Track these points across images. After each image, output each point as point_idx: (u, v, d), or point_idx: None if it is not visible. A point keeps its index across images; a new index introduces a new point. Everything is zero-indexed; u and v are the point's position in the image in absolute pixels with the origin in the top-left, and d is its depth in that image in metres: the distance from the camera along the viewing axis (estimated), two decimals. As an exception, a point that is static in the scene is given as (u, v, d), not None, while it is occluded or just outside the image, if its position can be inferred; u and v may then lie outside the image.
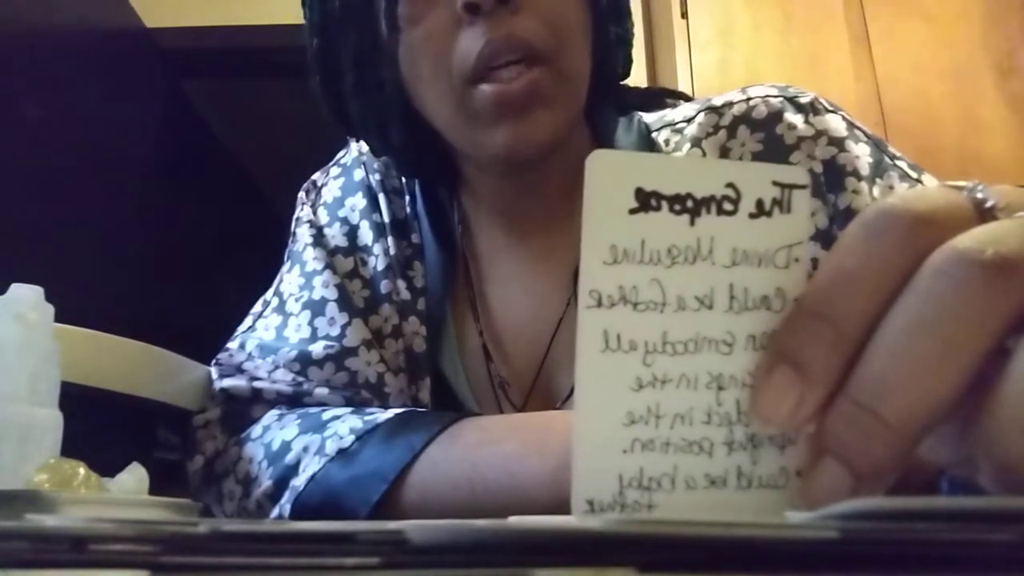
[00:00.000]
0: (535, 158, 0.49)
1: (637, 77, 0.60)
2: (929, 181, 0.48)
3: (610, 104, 0.57)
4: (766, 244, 0.20)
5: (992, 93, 1.88)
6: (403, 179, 0.60)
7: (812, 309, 0.19)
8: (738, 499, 0.20)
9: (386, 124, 0.53)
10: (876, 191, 0.47)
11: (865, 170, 0.48)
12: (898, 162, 0.49)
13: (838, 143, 0.49)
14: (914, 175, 0.48)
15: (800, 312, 0.20)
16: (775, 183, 0.20)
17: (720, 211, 0.20)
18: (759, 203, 0.20)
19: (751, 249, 0.20)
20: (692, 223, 0.20)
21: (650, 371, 0.20)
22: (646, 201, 0.20)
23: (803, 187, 0.21)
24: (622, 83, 0.58)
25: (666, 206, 0.20)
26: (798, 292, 0.20)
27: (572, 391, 0.51)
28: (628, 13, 0.55)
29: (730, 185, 0.20)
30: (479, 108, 0.46)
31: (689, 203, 0.20)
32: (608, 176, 0.20)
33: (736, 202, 0.20)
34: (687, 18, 1.97)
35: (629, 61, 0.57)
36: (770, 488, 0.21)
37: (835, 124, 0.50)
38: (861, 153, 0.49)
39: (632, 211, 0.20)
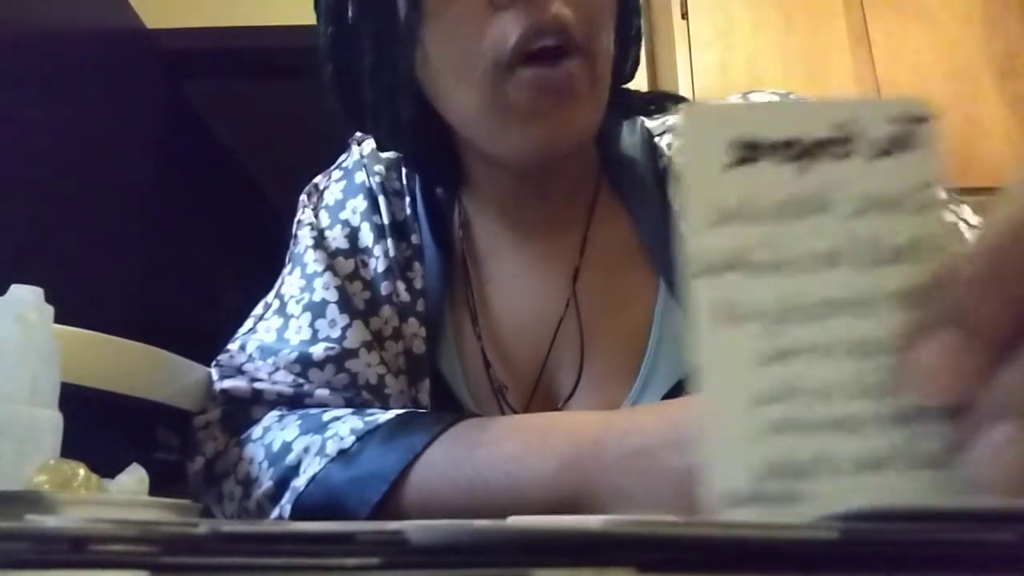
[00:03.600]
0: (565, 155, 0.48)
1: (637, 77, 0.60)
2: None
3: (614, 107, 0.57)
4: (891, 188, 0.18)
5: (992, 94, 1.88)
6: (404, 181, 0.60)
7: (981, 266, 0.17)
8: (895, 483, 0.17)
9: (399, 110, 0.51)
10: None
11: None
12: None
13: None
14: None
15: (965, 268, 0.17)
16: (892, 119, 0.18)
17: (832, 156, 0.18)
18: (876, 143, 0.18)
19: (874, 195, 0.18)
20: (802, 172, 0.18)
21: (775, 343, 0.18)
22: (747, 153, 0.18)
23: (925, 120, 0.18)
24: (623, 86, 0.59)
25: (771, 156, 0.18)
26: (937, 240, 0.18)
27: (573, 392, 0.51)
28: (640, 10, 0.56)
29: (839, 126, 0.18)
30: (515, 96, 0.45)
31: (795, 150, 0.18)
32: (702, 131, 0.18)
33: (850, 144, 0.18)
34: (687, 19, 1.97)
35: (637, 62, 0.57)
36: (932, 468, 0.18)
37: None
38: None
39: (732, 165, 0.18)
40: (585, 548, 0.15)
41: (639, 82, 0.60)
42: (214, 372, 0.55)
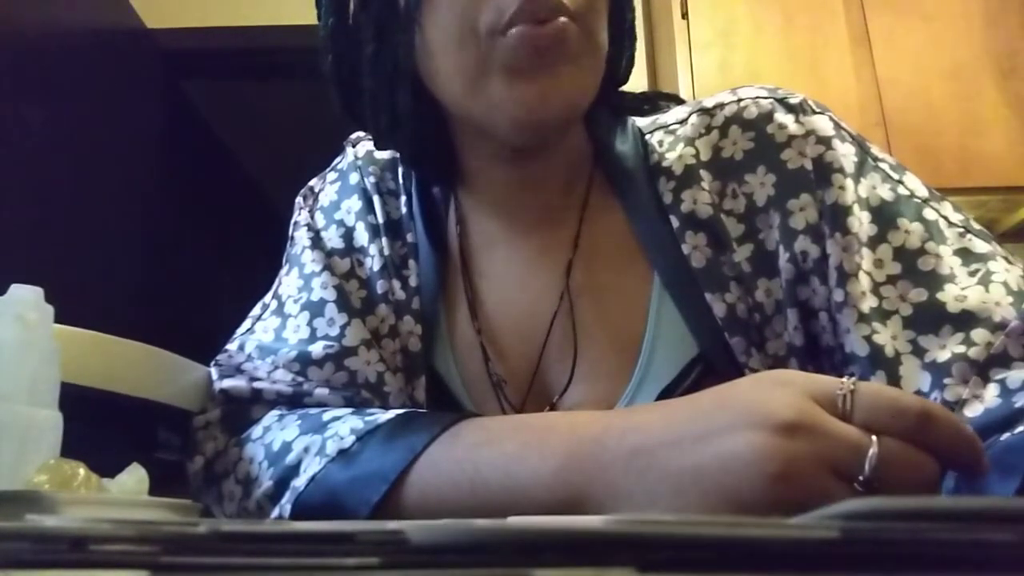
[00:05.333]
0: (555, 122, 0.48)
1: (637, 77, 0.60)
2: (911, 181, 0.49)
3: (606, 107, 0.57)
4: None
5: (992, 93, 1.88)
6: (399, 180, 0.60)
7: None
8: None
9: (398, 100, 0.52)
10: (861, 190, 0.48)
11: (850, 168, 0.49)
12: (880, 163, 0.50)
13: (826, 141, 0.49)
14: (895, 176, 0.49)
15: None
16: None
17: None
18: None
19: None
20: None
21: None
22: None
23: None
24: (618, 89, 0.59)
25: None
26: None
27: (567, 387, 0.51)
28: (633, 5, 0.57)
29: None
30: (508, 53, 0.45)
31: None
32: None
33: None
34: (687, 19, 1.97)
35: (631, 61, 0.58)
36: None
37: (823, 124, 0.50)
38: (847, 152, 0.49)
39: None
40: (585, 548, 0.15)
41: (639, 82, 0.61)
42: (213, 372, 0.55)
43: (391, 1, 0.48)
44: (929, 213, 0.47)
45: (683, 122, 0.55)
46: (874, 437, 0.30)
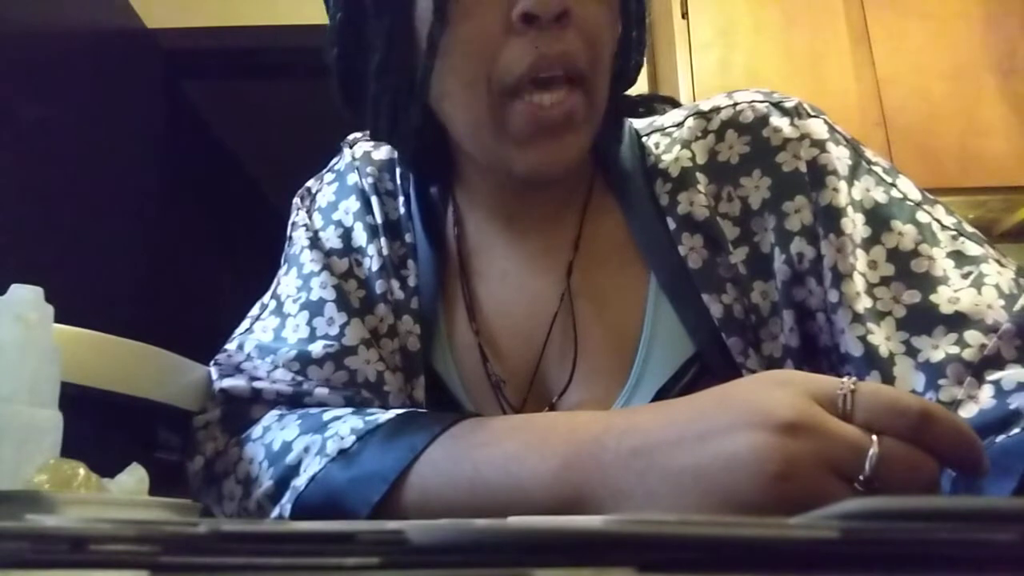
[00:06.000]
0: (557, 179, 0.50)
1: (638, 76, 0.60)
2: (904, 184, 0.49)
3: (605, 113, 0.58)
4: None
5: (992, 93, 1.88)
6: (397, 181, 0.61)
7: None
8: None
9: (401, 108, 0.52)
10: (855, 192, 0.48)
11: (844, 171, 0.49)
12: (874, 167, 0.50)
13: (820, 144, 0.50)
14: (889, 179, 0.49)
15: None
16: None
17: None
18: None
19: None
20: None
21: None
22: None
23: None
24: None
25: None
26: None
27: (566, 388, 0.51)
28: (646, 43, 0.57)
29: None
30: (514, 125, 0.46)
31: None
32: None
33: None
34: (687, 18, 1.97)
35: (631, 83, 0.59)
36: None
37: (817, 127, 0.51)
38: (841, 155, 0.50)
39: None
40: (585, 548, 0.15)
41: (639, 82, 0.61)
42: (213, 371, 0.55)
43: (405, 16, 0.48)
44: (922, 216, 0.47)
45: (679, 125, 0.55)
46: (874, 437, 0.30)
